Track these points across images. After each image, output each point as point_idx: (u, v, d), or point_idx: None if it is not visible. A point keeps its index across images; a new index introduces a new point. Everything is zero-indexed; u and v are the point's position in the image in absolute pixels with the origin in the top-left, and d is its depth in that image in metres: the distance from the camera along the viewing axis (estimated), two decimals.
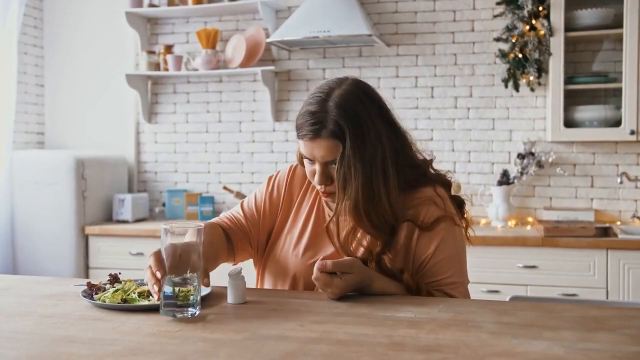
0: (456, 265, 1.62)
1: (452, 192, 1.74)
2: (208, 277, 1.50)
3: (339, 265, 1.45)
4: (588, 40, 3.64)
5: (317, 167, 1.59)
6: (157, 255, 1.40)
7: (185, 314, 1.31)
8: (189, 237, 1.36)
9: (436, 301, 1.47)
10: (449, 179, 1.73)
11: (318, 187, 1.63)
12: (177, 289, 1.31)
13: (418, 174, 1.69)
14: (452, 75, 3.86)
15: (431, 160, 1.74)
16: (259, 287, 1.78)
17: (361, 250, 1.62)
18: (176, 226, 1.34)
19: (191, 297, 1.32)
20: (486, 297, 3.19)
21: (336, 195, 1.57)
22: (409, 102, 3.92)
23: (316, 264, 1.45)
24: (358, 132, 1.53)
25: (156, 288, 1.37)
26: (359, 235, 1.61)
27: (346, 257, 1.54)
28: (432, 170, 1.73)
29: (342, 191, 1.56)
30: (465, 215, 1.71)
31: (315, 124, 1.54)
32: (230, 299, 1.46)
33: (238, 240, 1.75)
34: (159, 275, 1.37)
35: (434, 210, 1.62)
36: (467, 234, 1.69)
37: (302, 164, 1.73)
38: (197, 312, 1.33)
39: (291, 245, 1.72)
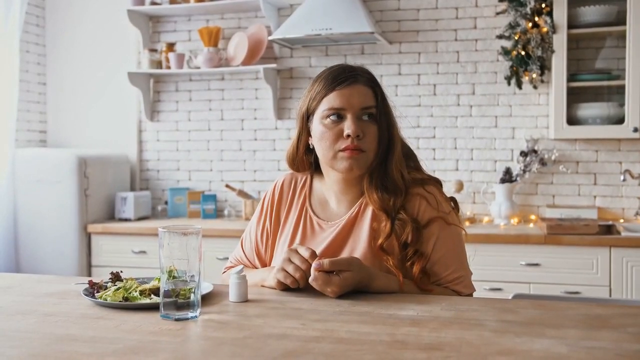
0: (456, 260, 1.62)
1: (453, 194, 1.75)
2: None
3: (336, 264, 1.45)
4: (591, 38, 3.63)
5: (349, 118, 1.60)
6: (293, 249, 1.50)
7: (185, 317, 1.31)
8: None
9: (438, 299, 1.47)
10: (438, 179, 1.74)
11: (342, 145, 1.60)
12: (177, 288, 1.30)
13: (415, 164, 1.73)
14: (454, 73, 3.85)
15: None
16: None
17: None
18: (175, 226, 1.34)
19: (191, 299, 1.31)
20: (489, 295, 3.19)
21: (370, 152, 1.61)
22: (411, 99, 3.91)
23: (313, 264, 1.44)
24: (382, 89, 1.68)
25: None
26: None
27: (343, 256, 1.54)
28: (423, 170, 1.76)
29: (385, 140, 1.63)
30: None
31: (351, 73, 1.63)
32: (232, 297, 1.46)
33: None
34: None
35: (427, 208, 1.62)
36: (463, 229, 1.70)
37: (294, 164, 1.76)
38: (197, 315, 1.32)
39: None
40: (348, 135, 1.58)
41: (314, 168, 1.77)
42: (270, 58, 4.10)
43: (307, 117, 1.68)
